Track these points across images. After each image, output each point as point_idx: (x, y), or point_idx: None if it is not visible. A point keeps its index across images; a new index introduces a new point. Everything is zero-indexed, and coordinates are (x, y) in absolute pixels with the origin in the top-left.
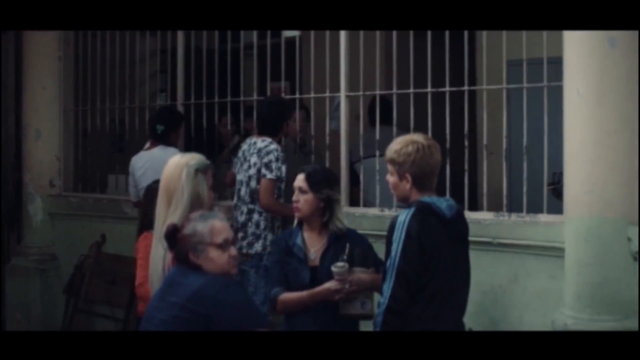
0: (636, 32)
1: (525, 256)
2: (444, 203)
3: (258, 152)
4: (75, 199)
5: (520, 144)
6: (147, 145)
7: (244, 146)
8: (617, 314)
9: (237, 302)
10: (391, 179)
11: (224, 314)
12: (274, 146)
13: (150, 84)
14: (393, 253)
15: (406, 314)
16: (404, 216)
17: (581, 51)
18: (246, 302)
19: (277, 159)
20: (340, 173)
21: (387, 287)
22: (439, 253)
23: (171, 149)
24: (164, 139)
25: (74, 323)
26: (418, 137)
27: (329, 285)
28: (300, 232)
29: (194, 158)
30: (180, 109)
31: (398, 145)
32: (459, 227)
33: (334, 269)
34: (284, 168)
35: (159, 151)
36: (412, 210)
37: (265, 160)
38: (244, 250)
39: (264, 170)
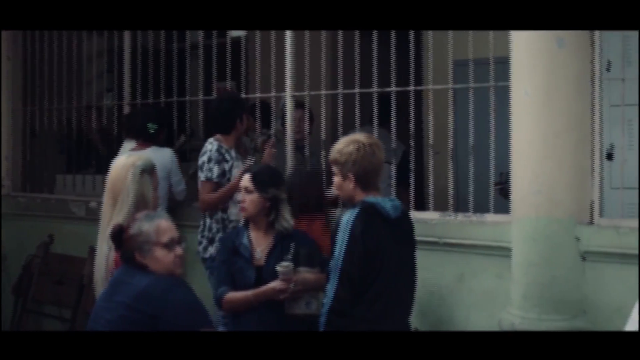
0: (584, 32)
1: (471, 256)
2: (388, 203)
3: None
4: (24, 199)
5: (467, 144)
6: (132, 145)
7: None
8: (565, 314)
9: (183, 302)
10: (335, 179)
11: (169, 313)
12: (210, 146)
13: (97, 83)
14: (337, 253)
15: (350, 314)
16: (347, 216)
17: (529, 51)
18: (192, 301)
19: (209, 160)
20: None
21: (331, 288)
22: (383, 253)
23: (168, 150)
24: (156, 138)
25: (22, 323)
26: (360, 137)
27: (274, 284)
28: (246, 231)
29: (140, 158)
30: (127, 108)
31: (340, 145)
32: (404, 227)
33: (278, 268)
34: (216, 169)
35: (153, 152)
36: (356, 210)
37: (199, 162)
38: (200, 255)
39: (198, 172)
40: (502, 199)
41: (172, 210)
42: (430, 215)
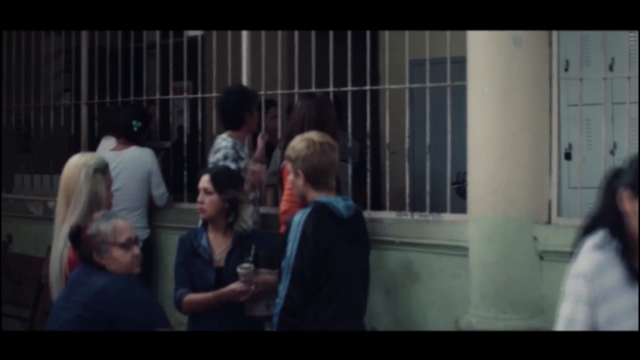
0: (542, 32)
1: (428, 255)
2: (341, 203)
3: (213, 151)
4: None
5: (423, 143)
6: (112, 144)
7: None
8: (523, 313)
9: (140, 302)
10: (289, 176)
11: (126, 313)
12: (224, 143)
13: (55, 83)
14: (289, 253)
15: (302, 314)
16: (299, 216)
17: (485, 51)
18: (149, 301)
19: (225, 158)
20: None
21: (283, 288)
22: (335, 253)
23: (147, 150)
24: (138, 137)
25: None
26: (314, 135)
27: (234, 286)
28: (205, 232)
29: (93, 158)
30: (84, 108)
31: (294, 142)
32: (357, 227)
33: (239, 270)
34: (233, 167)
35: (134, 151)
36: (308, 210)
37: (213, 159)
38: None
39: None
40: (459, 199)
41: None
42: (387, 214)
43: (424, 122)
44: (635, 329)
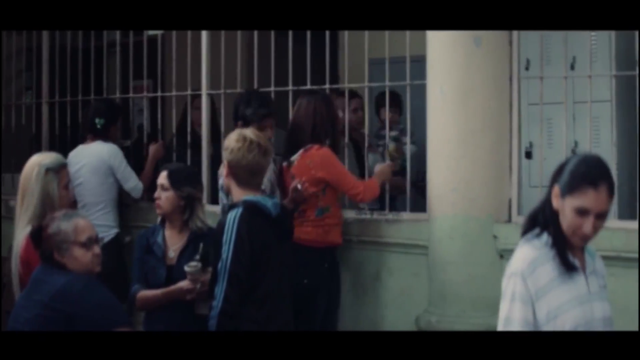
0: (502, 31)
1: (388, 254)
2: (269, 202)
3: None
4: None
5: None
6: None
7: None
8: (483, 312)
9: (100, 301)
10: (223, 171)
11: (86, 312)
12: None
13: (16, 82)
14: (224, 255)
15: (239, 316)
16: (232, 216)
17: (445, 50)
18: (108, 300)
19: None
20: (202, 170)
21: (220, 290)
22: (268, 252)
23: (108, 145)
24: (105, 133)
25: None
26: (247, 133)
27: (182, 284)
28: (162, 229)
29: (48, 157)
30: (45, 107)
31: (231, 134)
32: (284, 225)
33: (186, 268)
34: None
35: (97, 146)
36: (239, 210)
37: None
38: None
39: None
40: (418, 197)
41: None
42: (346, 213)
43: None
44: (576, 321)
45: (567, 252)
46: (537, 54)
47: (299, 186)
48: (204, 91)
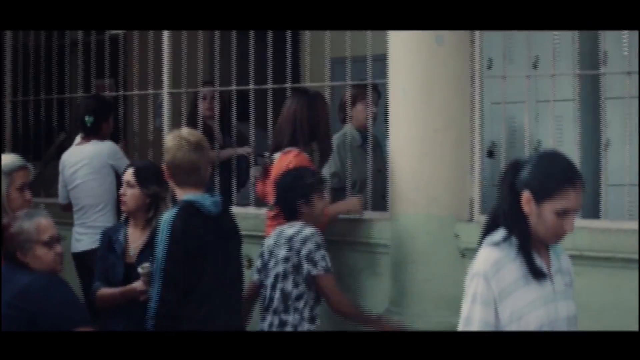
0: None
1: (349, 253)
2: (208, 200)
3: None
4: None
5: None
6: (78, 140)
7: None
8: (445, 311)
9: (62, 300)
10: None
11: (49, 311)
12: (309, 230)
13: None
14: (159, 255)
15: (176, 317)
16: (167, 216)
17: (407, 49)
18: (70, 300)
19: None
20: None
21: (155, 291)
22: (205, 252)
23: (107, 144)
24: (96, 131)
25: None
26: (183, 131)
27: (135, 285)
28: (125, 227)
29: (4, 158)
30: (8, 106)
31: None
32: (227, 223)
33: (139, 270)
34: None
35: (94, 146)
36: (175, 210)
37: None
38: None
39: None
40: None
41: None
42: None
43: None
44: (540, 321)
45: (534, 257)
46: (499, 52)
47: None
48: (165, 90)
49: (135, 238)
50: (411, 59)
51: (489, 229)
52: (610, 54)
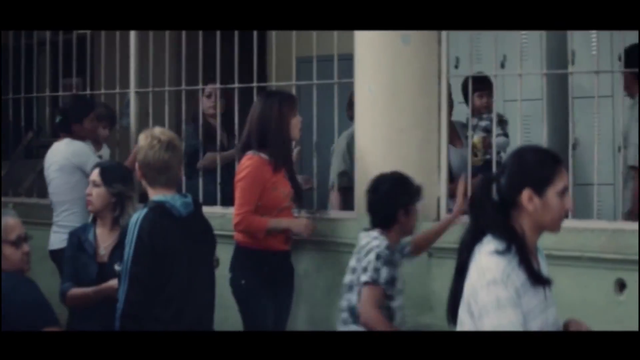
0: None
1: (315, 252)
2: (178, 201)
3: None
4: None
5: (311, 141)
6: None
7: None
8: (412, 310)
9: (28, 300)
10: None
11: (15, 311)
12: (376, 242)
13: None
14: (125, 256)
15: (143, 318)
16: (135, 217)
17: (373, 48)
18: (37, 300)
19: (377, 258)
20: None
21: (122, 292)
22: (173, 253)
23: (76, 143)
24: (66, 131)
25: None
26: (155, 131)
27: (112, 283)
28: (93, 227)
29: None
30: None
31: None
32: (198, 224)
33: (116, 267)
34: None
35: (62, 145)
36: (144, 211)
37: (362, 263)
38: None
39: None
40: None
41: None
42: None
43: (311, 119)
44: (540, 327)
45: (535, 268)
46: (467, 52)
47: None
48: (132, 89)
49: (104, 238)
50: (377, 58)
51: (476, 236)
52: (578, 54)
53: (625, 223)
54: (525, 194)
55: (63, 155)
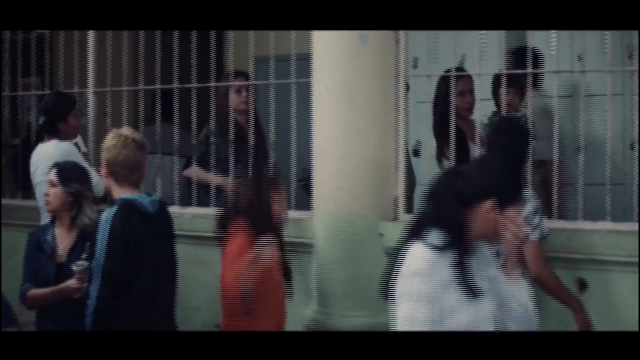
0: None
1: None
2: (146, 199)
3: None
4: None
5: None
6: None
7: None
8: (369, 310)
9: None
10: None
11: None
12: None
13: None
14: (97, 253)
15: (115, 314)
16: (106, 214)
17: (330, 48)
18: None
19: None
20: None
21: (94, 288)
22: (143, 250)
23: (63, 144)
24: (51, 131)
25: None
26: (124, 130)
27: (69, 283)
28: (52, 228)
29: None
30: None
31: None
32: (163, 222)
33: (73, 267)
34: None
35: (50, 147)
36: (114, 208)
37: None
38: None
39: None
40: (304, 195)
41: None
42: None
43: (269, 118)
44: (469, 320)
45: (470, 274)
46: (425, 51)
47: None
48: (91, 89)
49: (62, 238)
50: (335, 58)
51: (416, 230)
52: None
53: (585, 223)
54: (489, 203)
55: (52, 158)
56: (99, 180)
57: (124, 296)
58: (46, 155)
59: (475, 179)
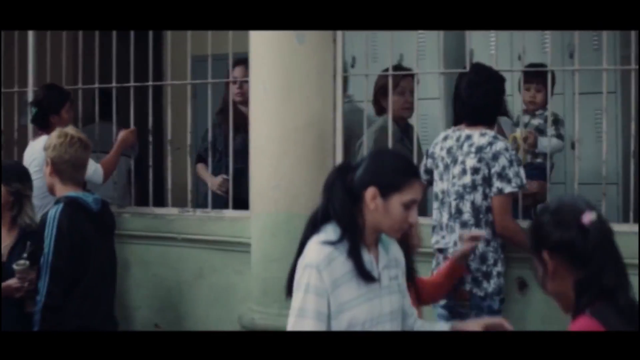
0: None
1: (211, 251)
2: (90, 197)
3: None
4: None
5: (206, 140)
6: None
7: (449, 141)
8: None
9: None
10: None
11: None
12: (502, 144)
13: None
14: (46, 250)
15: (62, 310)
16: (53, 212)
17: (268, 47)
18: None
19: (511, 163)
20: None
21: (43, 284)
22: (89, 247)
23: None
24: (43, 124)
25: None
26: (69, 130)
27: (10, 282)
28: None
29: None
30: None
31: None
32: (106, 220)
33: (15, 267)
34: (522, 172)
35: (40, 142)
36: (60, 205)
37: (497, 168)
38: (468, 288)
39: (497, 182)
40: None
41: None
42: (169, 210)
43: (207, 118)
44: (364, 316)
45: (364, 260)
46: (363, 51)
47: None
48: (30, 88)
49: (3, 237)
50: (272, 57)
51: (312, 228)
52: (477, 53)
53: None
54: (370, 191)
55: (37, 154)
56: (97, 168)
57: (72, 292)
58: (38, 150)
59: (360, 170)
